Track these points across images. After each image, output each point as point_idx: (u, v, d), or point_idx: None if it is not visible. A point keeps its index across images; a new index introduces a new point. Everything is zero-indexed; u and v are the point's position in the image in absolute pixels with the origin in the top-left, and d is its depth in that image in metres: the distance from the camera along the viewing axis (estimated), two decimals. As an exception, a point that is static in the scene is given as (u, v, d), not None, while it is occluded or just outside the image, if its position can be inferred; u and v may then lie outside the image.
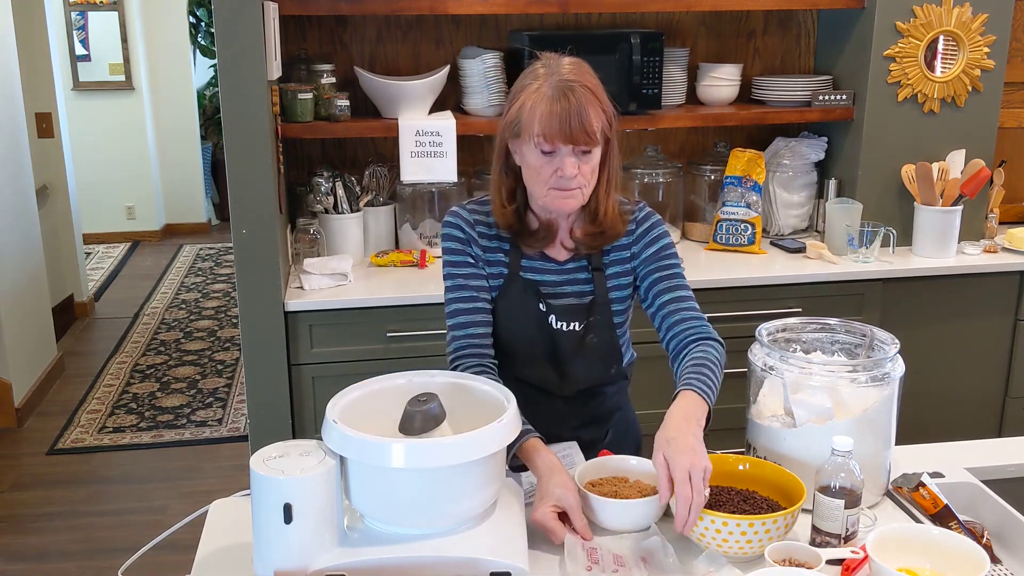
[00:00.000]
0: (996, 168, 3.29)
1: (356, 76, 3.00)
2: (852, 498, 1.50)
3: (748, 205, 3.06)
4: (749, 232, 3.08)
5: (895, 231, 3.03)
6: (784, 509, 1.53)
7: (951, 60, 3.07)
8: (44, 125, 5.22)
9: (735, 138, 3.39)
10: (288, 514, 1.36)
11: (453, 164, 2.93)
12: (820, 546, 1.51)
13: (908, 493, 1.68)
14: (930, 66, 3.07)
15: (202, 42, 7.88)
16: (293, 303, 2.68)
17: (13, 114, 4.47)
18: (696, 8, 3.02)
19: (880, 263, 3.00)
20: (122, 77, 7.33)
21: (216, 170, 8.08)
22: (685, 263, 1.86)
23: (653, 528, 1.55)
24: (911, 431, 2.05)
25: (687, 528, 1.46)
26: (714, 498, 1.56)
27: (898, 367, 1.67)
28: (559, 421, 1.83)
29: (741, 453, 1.69)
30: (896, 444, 1.73)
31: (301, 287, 2.76)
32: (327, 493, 1.40)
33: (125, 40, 7.27)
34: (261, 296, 2.65)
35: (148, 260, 7.11)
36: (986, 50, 3.07)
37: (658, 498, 1.51)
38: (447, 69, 2.99)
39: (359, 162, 3.19)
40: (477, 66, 2.95)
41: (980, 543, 1.50)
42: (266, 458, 1.41)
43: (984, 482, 1.75)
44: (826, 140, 3.27)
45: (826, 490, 1.50)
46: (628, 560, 1.49)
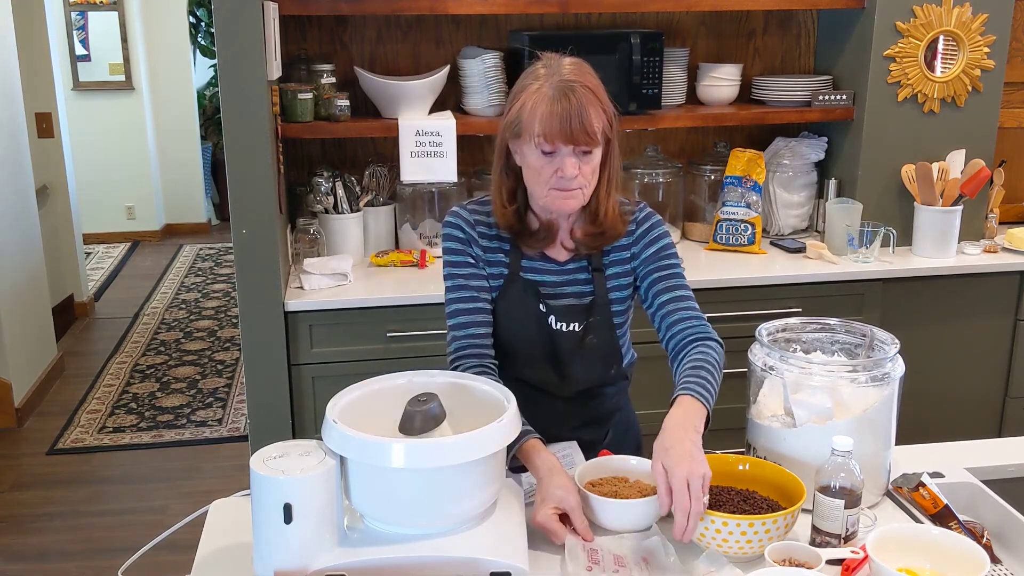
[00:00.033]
0: (996, 168, 3.29)
1: (356, 76, 3.00)
2: (852, 498, 1.50)
3: (748, 205, 3.06)
4: (749, 232, 3.08)
5: (895, 231, 3.03)
6: (784, 509, 1.53)
7: (951, 60, 3.07)
8: (44, 125, 5.22)
9: (735, 138, 3.39)
10: (288, 514, 1.36)
11: (453, 164, 2.93)
12: (820, 546, 1.51)
13: (908, 493, 1.68)
14: (930, 66, 3.07)
15: (202, 42, 7.88)
16: (293, 303, 2.68)
17: (13, 114, 4.47)
18: (696, 8, 3.02)
19: (880, 263, 3.00)
20: (122, 77, 7.33)
21: (216, 170, 8.08)
22: (685, 263, 1.86)
23: (654, 528, 1.55)
24: (911, 431, 2.05)
25: (687, 536, 1.46)
26: (714, 498, 1.57)
27: (898, 367, 1.67)
28: (559, 422, 1.83)
29: (741, 453, 1.69)
30: (896, 444, 1.73)
31: (301, 287, 2.76)
32: (327, 493, 1.40)
33: (125, 40, 7.27)
34: (261, 296, 2.65)
35: (148, 260, 7.11)
36: (986, 50, 3.07)
37: (658, 498, 1.52)
38: (447, 69, 2.99)
39: (359, 162, 3.19)
40: (477, 66, 2.95)
41: (980, 543, 1.50)
42: (266, 458, 1.41)
43: (984, 482, 1.75)
44: (826, 140, 3.27)
45: (826, 490, 1.50)
46: (629, 560, 1.49)
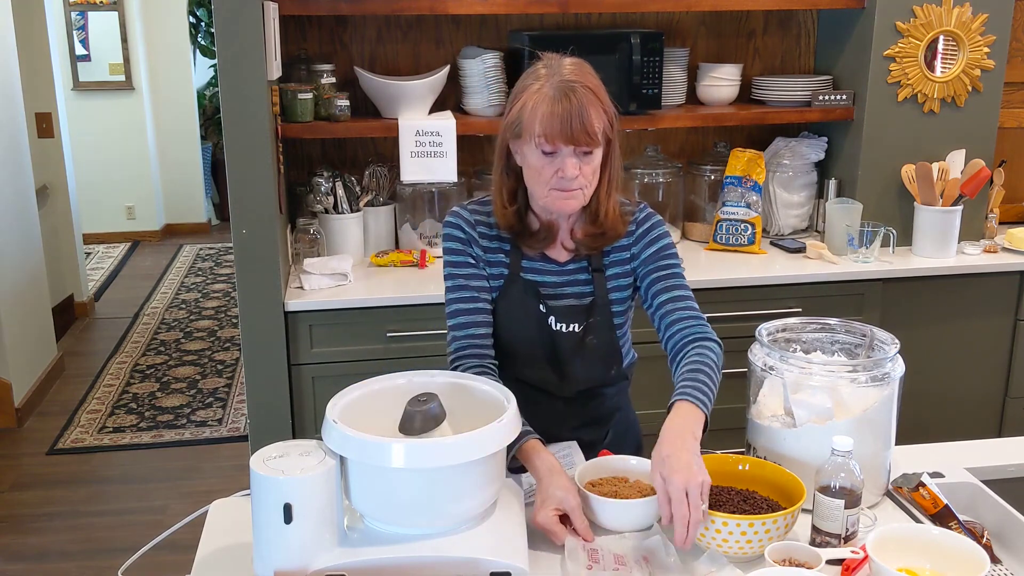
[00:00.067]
0: (996, 168, 3.29)
1: (356, 76, 3.00)
2: (852, 498, 1.50)
3: (748, 205, 3.06)
4: (749, 232, 3.08)
5: (895, 231, 3.03)
6: (784, 509, 1.53)
7: (951, 60, 3.07)
8: (44, 125, 5.22)
9: (735, 138, 3.39)
10: (288, 514, 1.36)
11: (453, 164, 2.93)
12: (820, 546, 1.51)
13: (908, 493, 1.68)
14: (930, 66, 3.07)
15: (202, 42, 7.88)
16: (293, 303, 2.68)
17: (13, 114, 4.47)
18: (696, 8, 3.02)
19: (880, 263, 3.00)
20: (122, 77, 7.33)
21: (216, 170, 8.08)
22: (685, 263, 1.86)
23: (654, 527, 1.55)
24: (911, 431, 2.05)
25: (687, 543, 1.45)
26: (714, 498, 1.56)
27: (898, 367, 1.67)
28: (559, 422, 1.83)
29: (741, 453, 1.69)
30: (896, 444, 1.73)
31: (301, 287, 2.76)
32: (327, 493, 1.40)
33: (125, 40, 7.27)
34: (261, 296, 2.65)
35: (148, 260, 7.11)
36: (986, 50, 3.07)
37: (659, 508, 1.51)
38: (447, 69, 2.99)
39: (359, 162, 3.19)
40: (477, 66, 2.95)
41: (980, 543, 1.50)
42: (266, 458, 1.41)
43: (984, 482, 1.75)
44: (826, 140, 3.27)
45: (826, 490, 1.50)
46: (629, 559, 1.49)
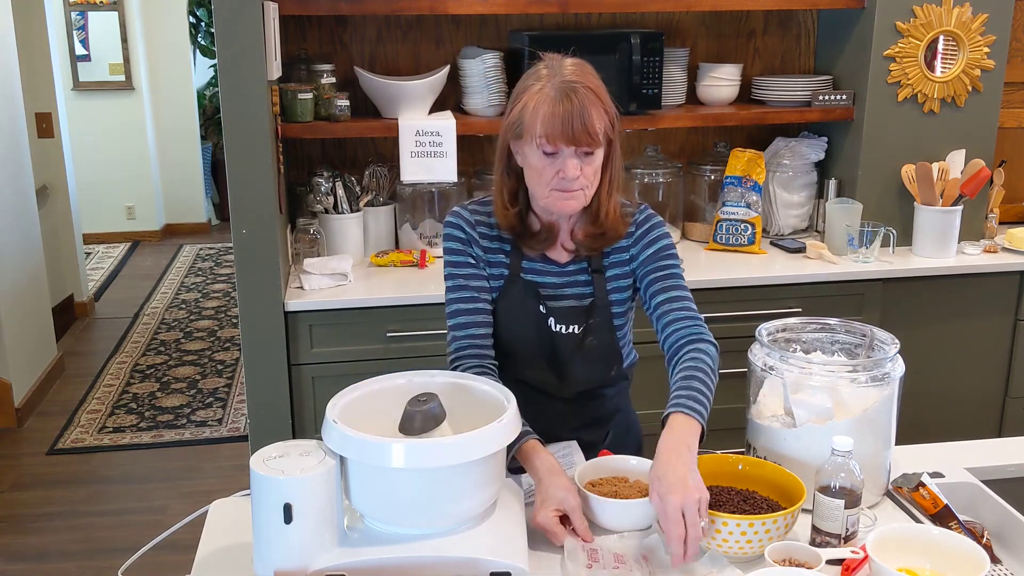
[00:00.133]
0: (996, 168, 3.29)
1: (356, 76, 3.00)
2: (852, 498, 1.50)
3: (748, 205, 3.06)
4: (749, 232, 3.08)
5: (895, 231, 3.03)
6: (784, 509, 1.53)
7: (951, 60, 3.07)
8: (44, 125, 5.22)
9: (735, 138, 3.39)
10: (288, 514, 1.36)
11: (453, 164, 2.93)
12: (820, 546, 1.51)
13: (908, 493, 1.68)
14: (930, 66, 3.07)
15: (202, 42, 7.88)
16: (293, 303, 2.68)
17: (13, 114, 4.47)
18: (696, 8, 3.02)
19: (880, 263, 3.00)
20: (122, 77, 7.33)
21: (216, 170, 8.08)
22: (685, 263, 1.86)
23: (654, 527, 1.55)
24: (911, 431, 2.05)
25: (687, 560, 1.43)
26: (714, 498, 1.56)
27: (898, 367, 1.67)
28: (559, 422, 1.83)
29: (741, 453, 1.69)
30: (896, 444, 1.73)
31: (301, 287, 2.76)
32: (327, 493, 1.40)
33: (125, 40, 7.27)
34: (261, 296, 2.65)
35: (148, 260, 7.11)
36: (986, 50, 3.07)
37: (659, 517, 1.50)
38: (447, 69, 2.98)
39: (359, 162, 3.19)
40: (477, 66, 2.95)
41: (980, 543, 1.50)
42: (266, 458, 1.41)
43: (984, 482, 1.75)
44: (826, 140, 3.26)
45: (826, 490, 1.50)
46: (629, 559, 1.49)
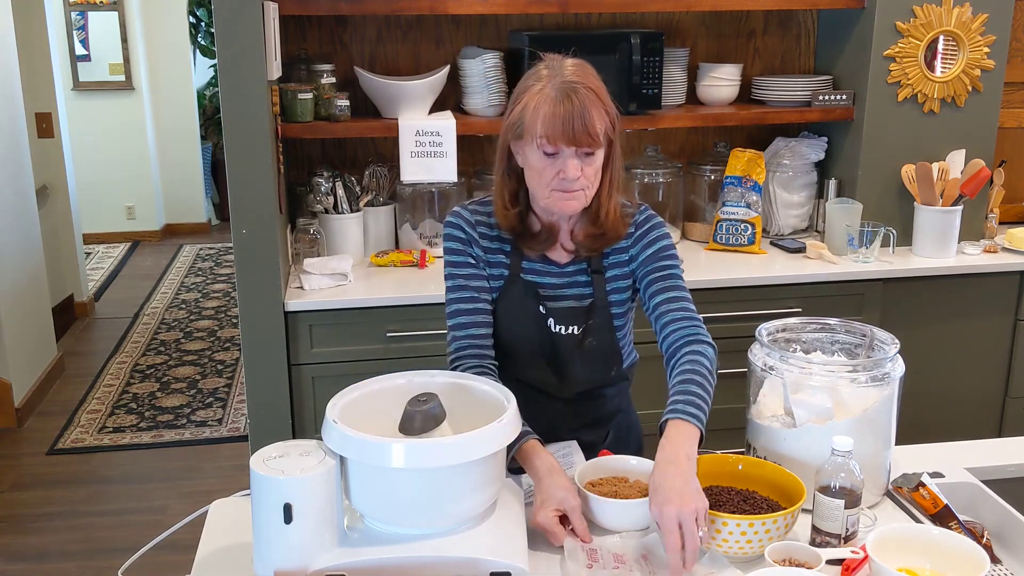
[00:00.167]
0: (996, 168, 3.29)
1: (356, 76, 3.00)
2: (852, 498, 1.50)
3: (748, 205, 3.06)
4: (749, 232, 3.08)
5: (895, 231, 3.03)
6: (784, 509, 1.53)
7: (951, 60, 3.07)
8: (44, 125, 5.22)
9: (735, 138, 3.39)
10: (288, 514, 1.36)
11: (453, 164, 2.93)
12: (820, 546, 1.51)
13: (908, 493, 1.68)
14: (930, 66, 3.07)
15: (202, 42, 7.88)
16: (293, 303, 2.68)
17: (13, 114, 4.47)
18: (696, 8, 3.02)
19: (880, 263, 3.00)
20: (122, 77, 7.33)
21: (216, 170, 8.08)
22: (685, 263, 1.86)
23: (653, 526, 1.55)
24: (911, 431, 2.05)
25: (687, 568, 1.43)
26: (714, 498, 1.57)
27: (898, 367, 1.67)
28: (559, 422, 1.83)
29: (741, 453, 1.69)
30: (896, 444, 1.73)
31: (301, 287, 2.76)
32: (327, 493, 1.40)
33: (125, 40, 7.27)
34: (261, 296, 2.65)
35: (148, 260, 7.11)
36: (986, 50, 3.07)
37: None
38: (447, 69, 2.98)
39: (359, 162, 3.19)
40: (477, 66, 2.95)
41: (980, 543, 1.50)
42: (266, 458, 1.41)
43: (984, 482, 1.75)
44: (826, 140, 3.26)
45: (826, 490, 1.50)
46: (629, 559, 1.49)
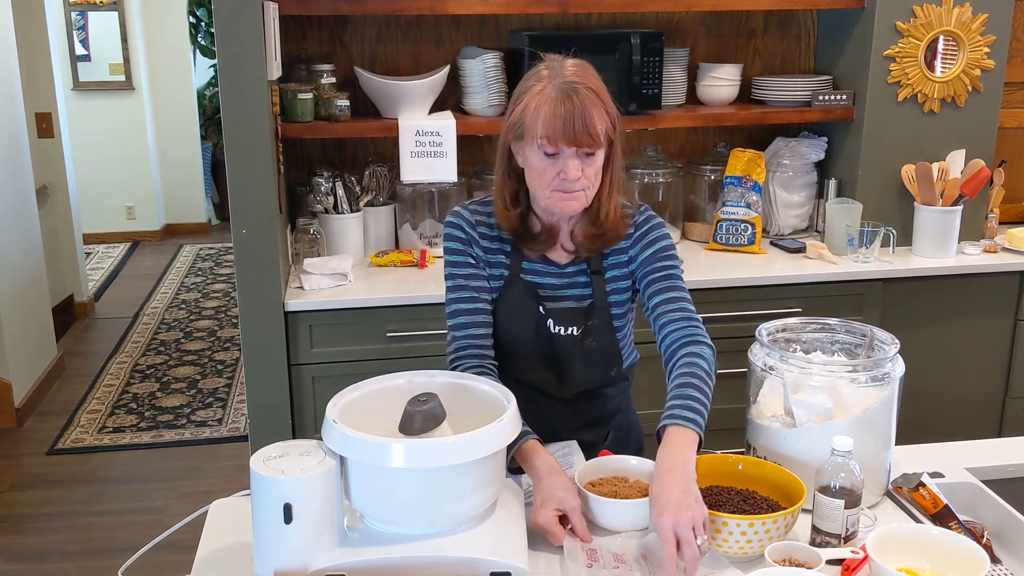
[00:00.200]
0: (996, 168, 3.29)
1: (356, 76, 3.00)
2: (852, 498, 1.50)
3: (748, 205, 3.06)
4: (749, 232, 3.08)
5: (895, 231, 3.03)
6: (784, 509, 1.53)
7: (951, 60, 3.07)
8: (44, 125, 5.22)
9: (735, 138, 3.39)
10: (288, 514, 1.36)
11: (453, 164, 2.93)
12: (820, 546, 1.51)
13: (908, 493, 1.68)
14: (930, 66, 3.07)
15: (202, 42, 7.88)
16: (293, 303, 2.68)
17: (13, 114, 4.47)
18: (696, 8, 3.02)
19: (880, 263, 3.00)
20: (122, 77, 7.33)
21: (216, 170, 8.08)
22: (685, 263, 1.86)
23: (654, 528, 1.55)
24: (911, 431, 2.05)
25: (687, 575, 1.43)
26: (714, 498, 1.57)
27: (898, 367, 1.67)
28: (559, 422, 1.83)
29: (741, 453, 1.69)
30: (896, 444, 1.73)
31: (301, 287, 2.76)
32: (327, 493, 1.40)
33: (125, 40, 7.27)
34: (261, 296, 2.65)
35: (148, 260, 7.11)
36: (986, 50, 3.07)
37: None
38: (447, 69, 2.98)
39: (359, 162, 3.19)
40: (477, 66, 2.95)
41: (980, 543, 1.50)
42: (266, 458, 1.41)
43: (984, 482, 1.75)
44: (826, 140, 3.26)
45: (826, 490, 1.50)
46: (629, 558, 1.49)
